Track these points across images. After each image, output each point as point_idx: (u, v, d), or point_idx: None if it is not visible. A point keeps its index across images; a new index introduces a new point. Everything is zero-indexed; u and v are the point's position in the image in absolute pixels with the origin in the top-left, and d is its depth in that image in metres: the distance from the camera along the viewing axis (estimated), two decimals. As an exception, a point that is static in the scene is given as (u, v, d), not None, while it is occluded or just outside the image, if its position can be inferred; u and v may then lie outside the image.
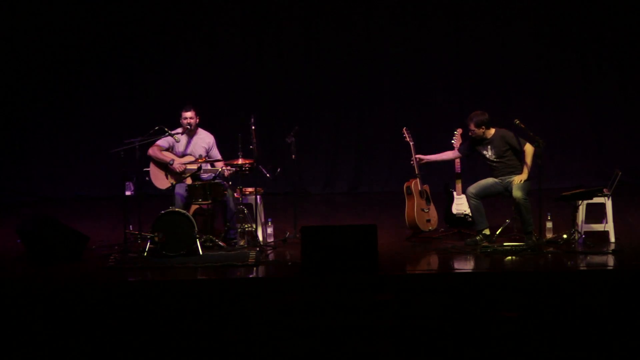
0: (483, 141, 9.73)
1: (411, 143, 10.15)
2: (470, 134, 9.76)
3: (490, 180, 9.74)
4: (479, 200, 9.64)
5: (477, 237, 9.66)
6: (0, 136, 13.48)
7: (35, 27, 13.28)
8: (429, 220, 10.14)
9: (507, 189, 9.66)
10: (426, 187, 10.19)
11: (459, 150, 10.04)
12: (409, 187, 10.10)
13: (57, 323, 7.80)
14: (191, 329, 7.58)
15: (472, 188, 9.68)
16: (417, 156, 10.10)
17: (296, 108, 13.52)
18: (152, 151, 10.10)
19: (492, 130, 9.71)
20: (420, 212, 10.06)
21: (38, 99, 13.46)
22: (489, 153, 9.72)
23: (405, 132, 10.22)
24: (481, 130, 9.67)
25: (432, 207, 10.19)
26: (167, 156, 10.07)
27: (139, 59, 13.50)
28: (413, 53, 13.47)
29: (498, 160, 9.69)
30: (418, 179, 10.10)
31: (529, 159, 9.60)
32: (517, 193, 9.49)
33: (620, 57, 13.45)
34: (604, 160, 13.38)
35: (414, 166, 10.10)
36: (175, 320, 7.84)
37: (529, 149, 9.61)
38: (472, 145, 9.85)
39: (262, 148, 11.41)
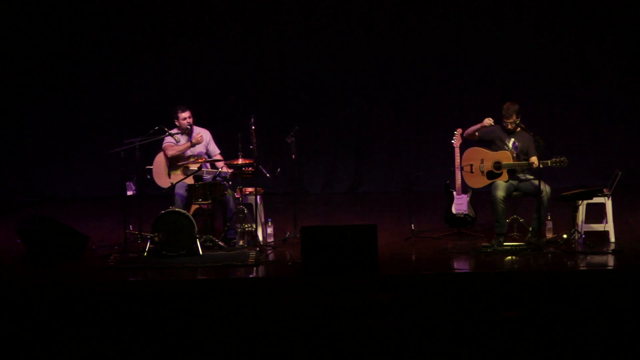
0: (509, 132, 9.65)
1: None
2: (509, 126, 9.58)
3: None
4: (505, 203, 9.58)
5: (495, 241, 9.54)
6: (0, 136, 13.47)
7: (34, 27, 13.26)
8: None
9: (517, 187, 9.65)
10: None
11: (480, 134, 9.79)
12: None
13: (57, 323, 7.80)
14: (191, 329, 7.58)
15: (502, 191, 9.51)
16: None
17: (296, 108, 13.51)
18: (171, 150, 10.01)
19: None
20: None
21: (38, 98, 13.45)
22: (511, 145, 9.61)
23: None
24: (518, 119, 9.60)
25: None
26: (183, 144, 10.05)
27: (139, 59, 13.48)
28: (413, 53, 13.45)
29: (518, 156, 9.63)
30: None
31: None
32: (546, 187, 9.44)
33: (620, 56, 13.43)
34: (604, 160, 13.37)
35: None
36: (175, 320, 7.84)
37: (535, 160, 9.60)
38: (491, 134, 9.70)
39: (262, 148, 11.41)
